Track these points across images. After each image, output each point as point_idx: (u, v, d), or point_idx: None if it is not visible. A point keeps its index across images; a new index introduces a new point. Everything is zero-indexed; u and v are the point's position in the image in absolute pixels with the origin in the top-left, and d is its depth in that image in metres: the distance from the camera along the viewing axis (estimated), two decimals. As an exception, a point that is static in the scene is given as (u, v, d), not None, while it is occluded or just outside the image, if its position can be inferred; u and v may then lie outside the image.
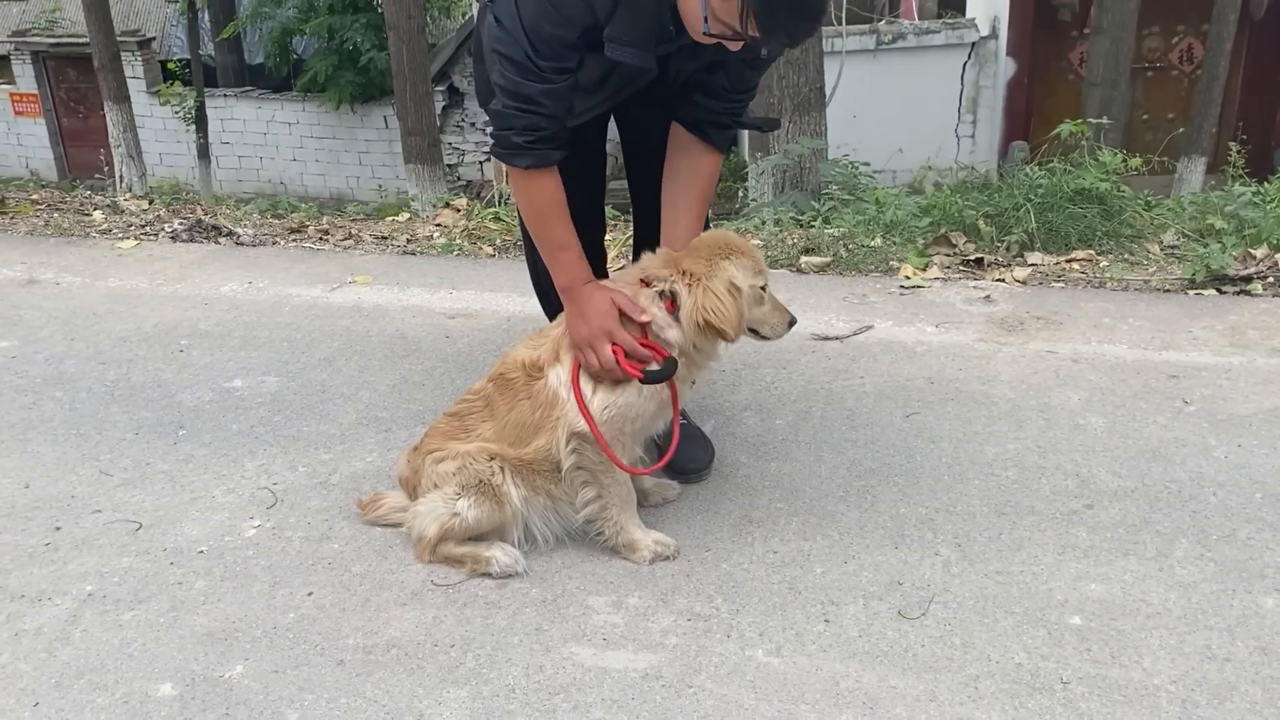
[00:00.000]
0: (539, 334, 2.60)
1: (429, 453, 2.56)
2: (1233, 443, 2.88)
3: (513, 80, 2.34)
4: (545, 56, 2.32)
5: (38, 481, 2.94)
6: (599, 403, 2.41)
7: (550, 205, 2.50)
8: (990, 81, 16.22)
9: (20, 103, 19.81)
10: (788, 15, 2.14)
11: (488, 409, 2.56)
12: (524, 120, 2.38)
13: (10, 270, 4.74)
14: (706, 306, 2.37)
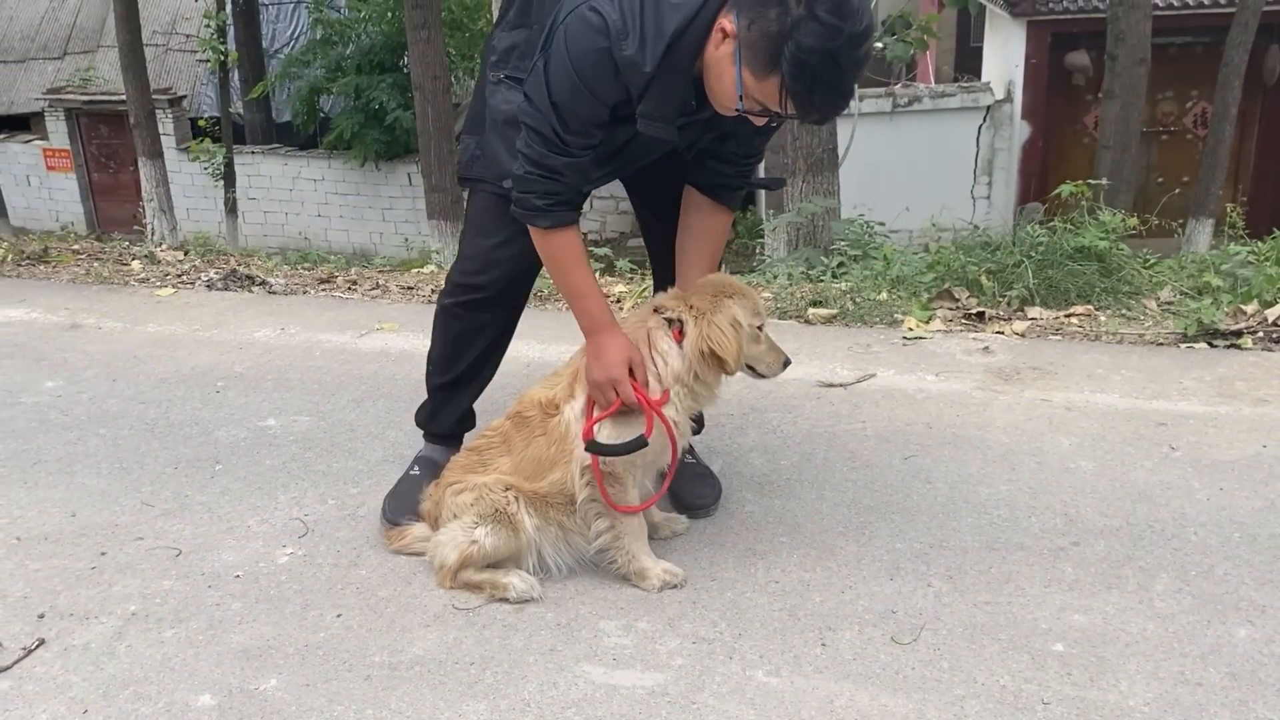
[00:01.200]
0: (554, 374, 2.78)
1: (449, 485, 2.73)
2: (1215, 486, 3.02)
3: (538, 151, 2.50)
4: (573, 133, 2.48)
5: (84, 511, 3.12)
6: (607, 436, 2.57)
7: (570, 258, 2.66)
8: (1005, 144, 16.47)
9: (53, 158, 20.24)
10: (824, 96, 2.29)
11: (505, 444, 2.73)
12: (545, 186, 2.54)
13: (55, 315, 4.96)
14: (710, 336, 2.56)
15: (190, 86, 20.77)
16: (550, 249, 2.67)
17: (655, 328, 2.63)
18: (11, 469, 3.39)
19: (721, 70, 2.36)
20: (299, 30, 21.23)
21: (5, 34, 22.37)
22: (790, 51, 2.22)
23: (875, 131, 15.21)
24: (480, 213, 2.94)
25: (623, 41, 2.36)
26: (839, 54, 2.23)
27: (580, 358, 2.70)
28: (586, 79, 2.41)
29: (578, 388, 2.64)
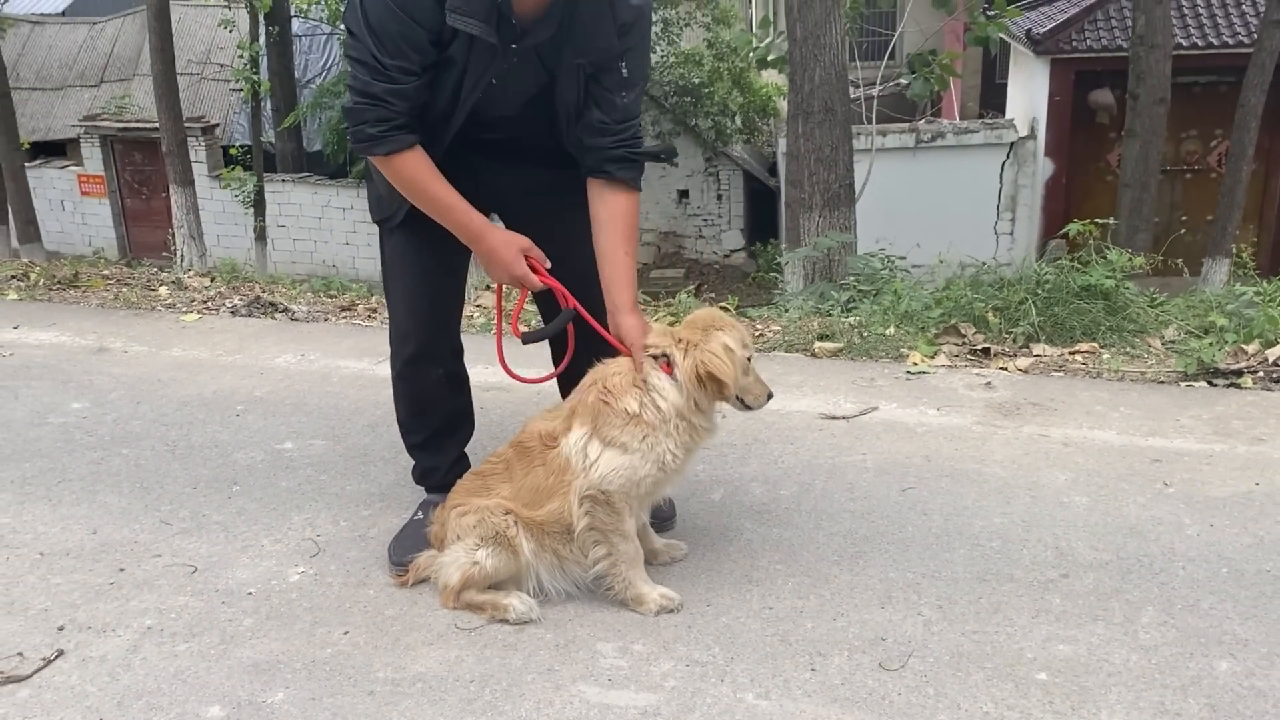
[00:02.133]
0: (556, 408, 2.87)
1: (454, 507, 2.83)
2: (1206, 522, 3.08)
3: (362, 81, 2.59)
4: (391, 55, 2.55)
5: (105, 528, 3.23)
6: (605, 465, 2.66)
7: (422, 176, 2.71)
8: (1029, 180, 16.53)
9: (87, 184, 20.58)
10: None
11: (507, 471, 2.83)
12: (374, 114, 2.61)
13: (83, 339, 5.10)
14: (705, 361, 2.65)
15: (223, 115, 21.11)
16: (398, 173, 2.71)
17: (644, 366, 2.72)
18: (37, 487, 3.51)
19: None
20: (331, 61, 21.56)
21: (44, 63, 22.81)
22: None
23: (899, 166, 15.33)
24: (395, 250, 3.04)
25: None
26: None
27: (577, 395, 2.80)
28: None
29: (575, 421, 2.73)
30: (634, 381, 2.70)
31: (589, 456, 2.68)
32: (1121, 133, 12.14)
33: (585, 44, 2.70)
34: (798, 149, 8.13)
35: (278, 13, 18.20)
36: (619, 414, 2.68)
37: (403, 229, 2.96)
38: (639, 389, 2.69)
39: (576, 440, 2.70)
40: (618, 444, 2.67)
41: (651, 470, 2.68)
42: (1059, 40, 15.55)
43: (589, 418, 2.71)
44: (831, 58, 7.87)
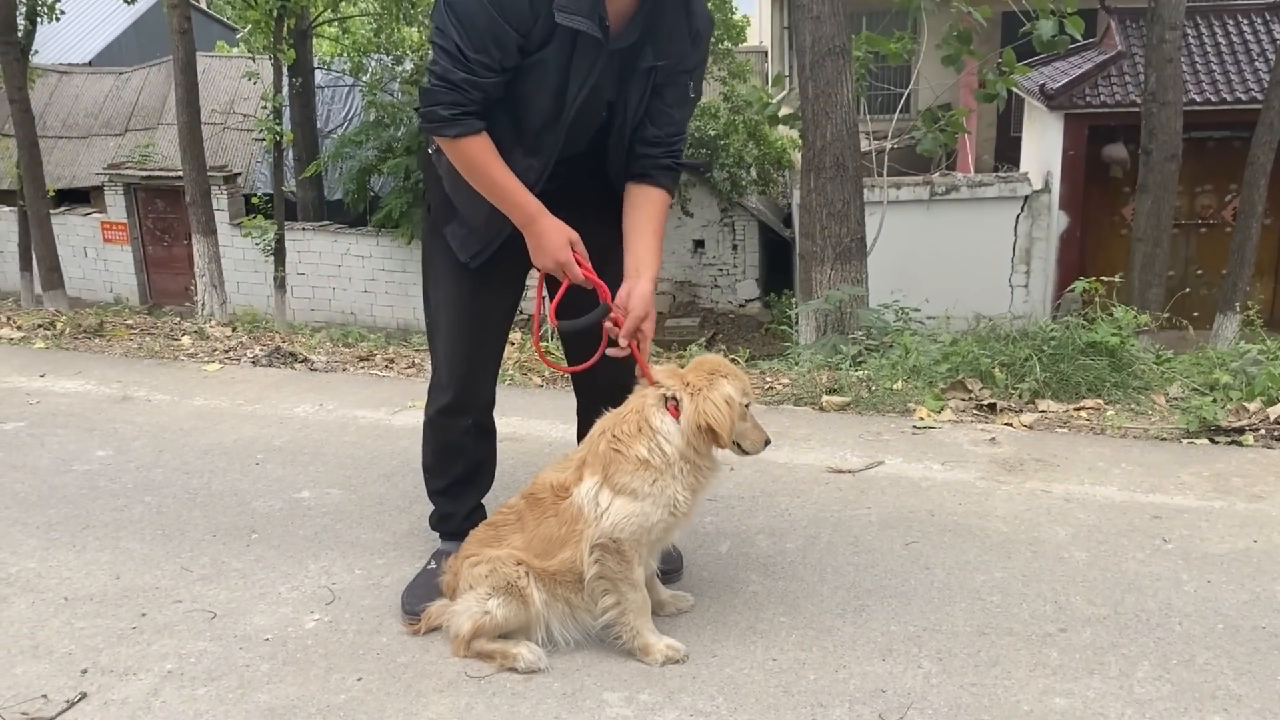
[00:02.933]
0: (565, 459, 2.96)
1: (466, 557, 2.91)
2: (1203, 578, 3.14)
3: (443, 67, 2.67)
4: (476, 49, 2.64)
5: (127, 574, 3.32)
6: (616, 513, 2.74)
7: (485, 159, 2.78)
8: (1043, 234, 16.64)
9: (110, 230, 20.90)
10: None
11: (519, 522, 2.91)
12: (450, 97, 2.69)
13: (108, 388, 5.22)
14: (706, 411, 2.72)
15: (245, 164, 21.44)
16: (463, 156, 2.79)
17: (652, 405, 2.80)
18: (62, 532, 3.61)
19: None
20: (352, 111, 21.90)
21: (70, 111, 23.22)
22: None
23: (912, 219, 15.47)
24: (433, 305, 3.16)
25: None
26: None
27: (587, 445, 2.88)
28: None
29: (586, 472, 2.81)
30: (641, 427, 2.78)
31: (600, 505, 2.75)
32: (1135, 187, 12.25)
33: (664, 46, 2.83)
34: (810, 203, 8.25)
35: (301, 64, 18.54)
36: (630, 460, 2.75)
37: (453, 283, 3.06)
38: (646, 435, 2.77)
39: (588, 490, 2.78)
40: (628, 490, 2.74)
41: (663, 515, 2.76)
42: (1072, 95, 15.72)
43: (599, 466, 2.79)
44: (843, 115, 8.01)
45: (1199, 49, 15.85)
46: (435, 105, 2.72)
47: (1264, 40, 15.75)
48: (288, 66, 16.99)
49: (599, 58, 2.76)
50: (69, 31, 23.53)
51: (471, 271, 3.02)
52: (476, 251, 3.00)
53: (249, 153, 21.66)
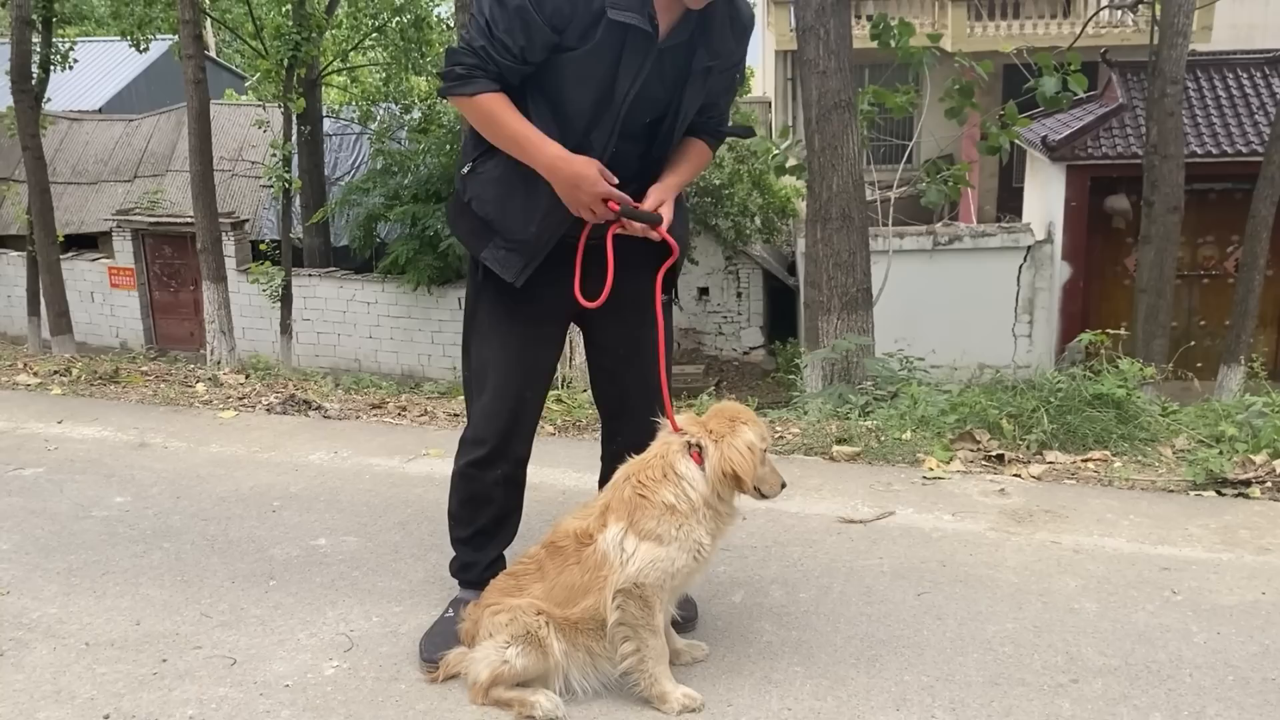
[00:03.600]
0: (586, 506, 3.00)
1: (487, 606, 2.94)
2: (1213, 630, 3.17)
3: (470, 34, 2.77)
4: (503, 28, 2.71)
5: (147, 620, 3.36)
6: (642, 558, 2.77)
7: (501, 111, 2.82)
8: (1046, 284, 16.74)
9: (117, 276, 21.04)
10: None
11: (539, 571, 2.94)
12: (469, 60, 2.78)
13: (125, 434, 5.28)
14: (730, 458, 2.79)
15: (252, 210, 21.62)
16: (480, 111, 2.84)
17: (676, 451, 2.85)
18: (83, 578, 3.65)
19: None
20: (360, 159, 22.12)
21: (80, 157, 23.44)
22: None
23: (916, 268, 15.57)
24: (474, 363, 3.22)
25: None
26: None
27: (610, 492, 2.93)
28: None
29: (610, 518, 2.85)
30: (666, 473, 2.83)
31: (626, 550, 2.78)
32: (1138, 238, 12.36)
33: (716, 45, 2.90)
34: (816, 253, 8.33)
35: (310, 112, 18.78)
36: (656, 505, 2.79)
37: (502, 342, 3.11)
38: (672, 480, 2.82)
39: (613, 536, 2.81)
40: (654, 536, 2.79)
41: (687, 560, 2.80)
42: (1074, 147, 15.88)
43: (625, 512, 2.83)
44: (849, 167, 8.11)
45: (1199, 102, 16.03)
46: (454, 65, 2.81)
47: (1264, 94, 15.93)
48: (297, 115, 17.19)
49: (649, 55, 2.80)
50: (80, 79, 23.80)
51: (519, 330, 3.08)
52: (520, 268, 2.98)
53: (256, 199, 21.85)
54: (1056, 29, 21.33)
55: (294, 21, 16.18)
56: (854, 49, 8.22)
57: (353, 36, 19.83)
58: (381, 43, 19.76)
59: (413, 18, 18.62)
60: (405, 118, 20.23)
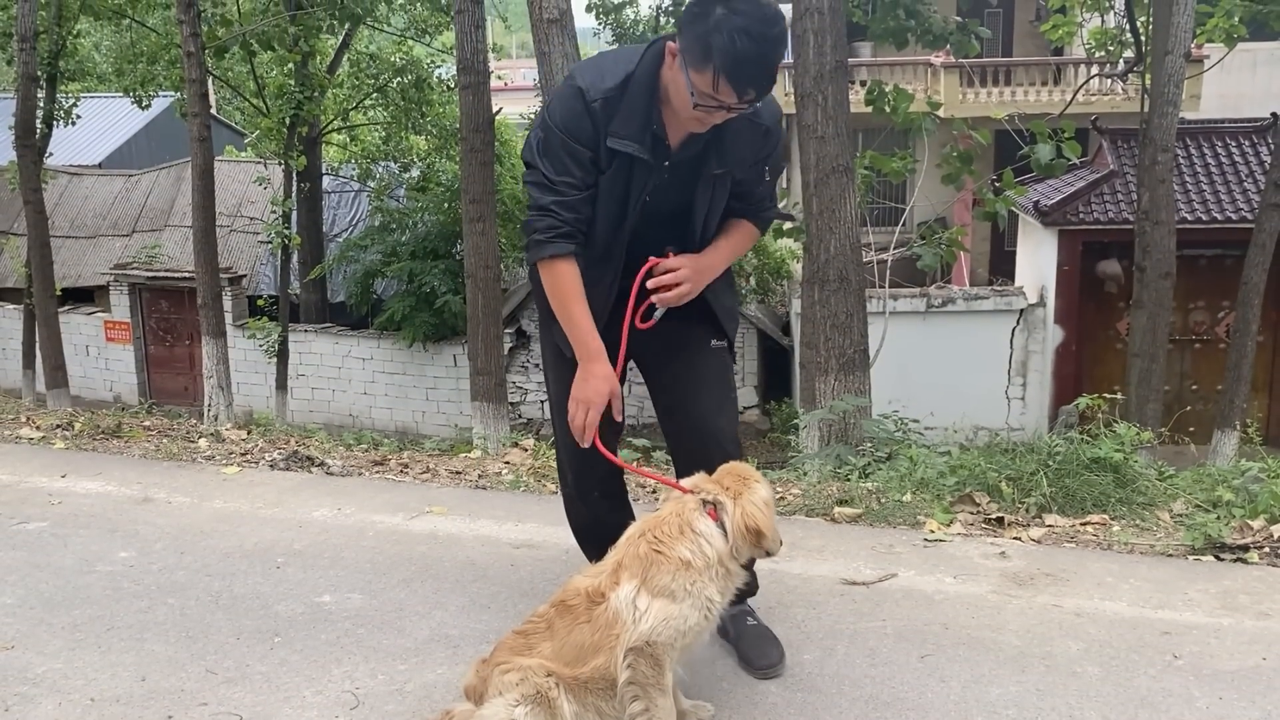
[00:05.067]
0: (597, 566, 3.03)
1: (497, 664, 2.95)
2: (1215, 695, 3.19)
3: (534, 198, 3.01)
4: (558, 172, 2.96)
5: (153, 676, 3.36)
6: (655, 616, 2.77)
7: (569, 291, 3.06)
8: (1039, 346, 16.85)
9: (113, 330, 21.09)
10: (751, 71, 2.78)
11: (549, 630, 2.95)
12: (543, 222, 3.00)
13: (129, 489, 5.30)
14: (750, 514, 2.84)
15: (250, 266, 21.73)
16: (551, 279, 3.07)
17: (692, 509, 2.89)
18: (87, 634, 3.65)
19: (675, 81, 2.89)
20: (358, 216, 22.29)
21: (79, 212, 23.58)
22: (718, 42, 2.74)
23: (909, 330, 15.68)
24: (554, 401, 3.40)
25: (585, 76, 2.96)
26: (754, 32, 2.74)
27: (624, 549, 2.94)
28: (559, 120, 2.95)
29: (624, 575, 2.87)
30: (683, 529, 2.86)
31: (639, 608, 2.79)
32: (1130, 302, 12.48)
33: (729, 155, 3.08)
34: (813, 314, 8.41)
35: (310, 170, 18.95)
36: (671, 561, 2.82)
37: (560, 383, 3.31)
38: (689, 537, 2.85)
39: (626, 594, 2.82)
40: (667, 592, 2.80)
41: (698, 619, 2.82)
42: (1066, 212, 16.08)
43: (638, 569, 2.84)
44: (847, 230, 8.22)
45: (1189, 169, 16.27)
46: (532, 233, 3.03)
47: (1252, 162, 16.18)
48: (297, 172, 17.35)
49: (655, 172, 3.03)
50: (82, 134, 23.99)
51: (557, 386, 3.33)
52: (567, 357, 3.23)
53: (254, 255, 21.96)
54: (1047, 96, 21.67)
55: (296, 81, 16.37)
56: (850, 114, 8.38)
57: (354, 96, 20.04)
58: (382, 102, 19.96)
59: (414, 78, 18.83)
60: (404, 176, 20.43)
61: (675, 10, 18.61)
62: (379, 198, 19.81)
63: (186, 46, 11.46)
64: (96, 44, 27.82)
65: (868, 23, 12.62)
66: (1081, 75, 20.91)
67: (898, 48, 13.04)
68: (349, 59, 20.16)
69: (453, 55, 12.76)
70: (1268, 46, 17.50)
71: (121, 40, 20.79)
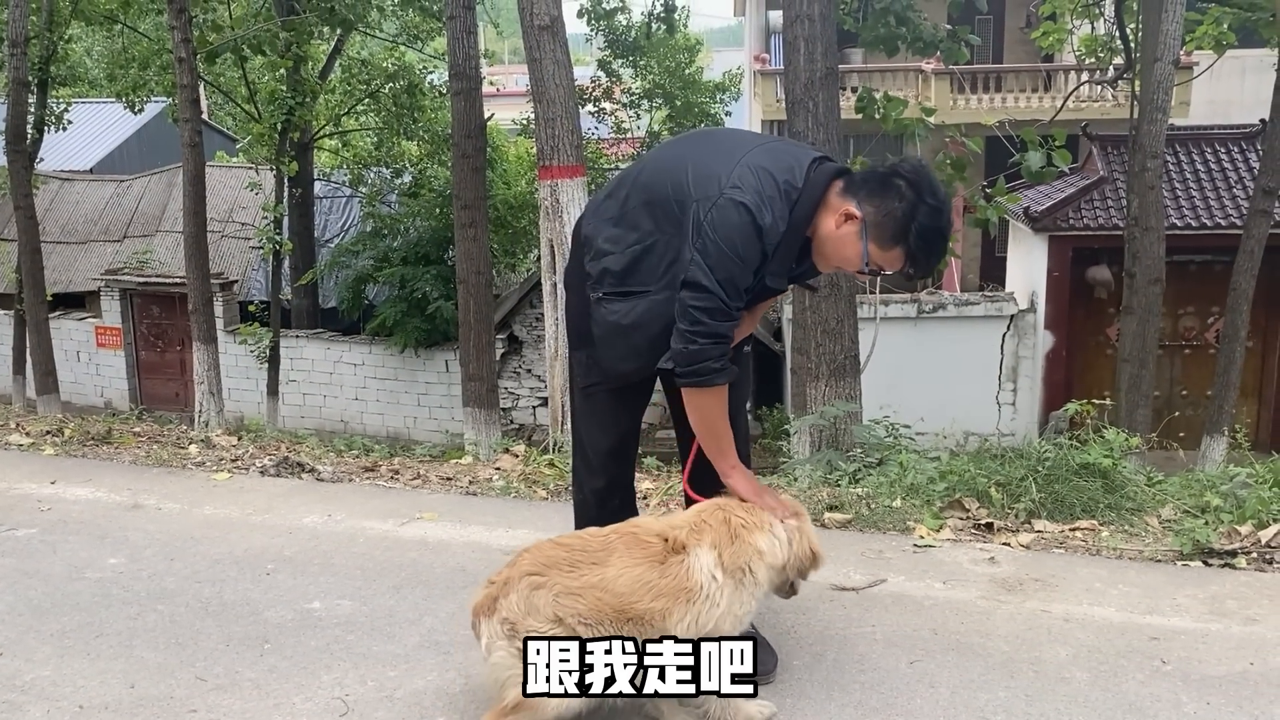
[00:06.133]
0: (670, 518, 3.09)
1: (528, 574, 2.86)
2: (1202, 700, 3.20)
3: (711, 326, 2.99)
4: (735, 299, 3.00)
5: (142, 683, 3.36)
6: (726, 602, 2.89)
7: (723, 411, 3.18)
8: (1030, 352, 16.87)
9: (104, 335, 21.01)
10: (937, 255, 3.04)
11: (604, 553, 2.90)
12: (719, 350, 3.03)
13: (119, 495, 5.29)
14: (814, 538, 3.09)
15: (241, 271, 21.67)
16: (714, 401, 3.15)
17: (769, 515, 3.06)
18: (76, 641, 3.65)
19: (845, 243, 3.05)
20: (349, 221, 22.26)
21: (70, 217, 23.49)
22: (915, 229, 2.95)
23: (900, 336, 15.70)
24: (600, 408, 3.44)
25: (763, 213, 2.96)
26: (944, 225, 3.01)
27: (705, 514, 3.02)
28: (740, 252, 2.97)
29: (706, 539, 2.93)
30: (762, 525, 2.99)
31: (717, 581, 2.88)
32: (1120, 308, 12.51)
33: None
34: (804, 319, 8.42)
35: (301, 175, 18.92)
36: (750, 548, 2.94)
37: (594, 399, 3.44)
38: (768, 533, 2.98)
39: (708, 561, 2.89)
40: (737, 575, 2.92)
41: (748, 609, 2.96)
42: (1056, 218, 16.11)
43: (721, 541, 2.94)
44: (838, 236, 8.21)
45: (1179, 175, 16.32)
46: (707, 360, 3.04)
47: (1241, 168, 16.23)
48: (289, 177, 17.33)
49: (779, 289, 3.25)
50: (73, 139, 23.93)
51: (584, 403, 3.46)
52: (593, 383, 3.39)
53: (245, 260, 21.91)
54: (1037, 102, 21.74)
55: (288, 86, 16.35)
56: (841, 120, 8.39)
57: (346, 101, 20.02)
58: (374, 108, 19.95)
59: (406, 84, 18.80)
60: (396, 181, 20.41)
61: (666, 17, 18.66)
62: (371, 203, 19.79)
63: (178, 52, 11.41)
64: (88, 49, 27.74)
65: (858, 29, 12.64)
66: (1072, 82, 20.99)
67: (888, 54, 13.06)
68: (341, 64, 20.11)
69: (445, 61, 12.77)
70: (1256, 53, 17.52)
71: (113, 45, 20.77)
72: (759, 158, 3.04)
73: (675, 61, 22.37)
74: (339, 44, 19.83)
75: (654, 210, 3.13)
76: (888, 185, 2.99)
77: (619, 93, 22.06)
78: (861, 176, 3.06)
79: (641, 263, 3.13)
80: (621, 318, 3.17)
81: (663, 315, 3.09)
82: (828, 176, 3.07)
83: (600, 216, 3.28)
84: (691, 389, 3.12)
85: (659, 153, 3.37)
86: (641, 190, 3.18)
